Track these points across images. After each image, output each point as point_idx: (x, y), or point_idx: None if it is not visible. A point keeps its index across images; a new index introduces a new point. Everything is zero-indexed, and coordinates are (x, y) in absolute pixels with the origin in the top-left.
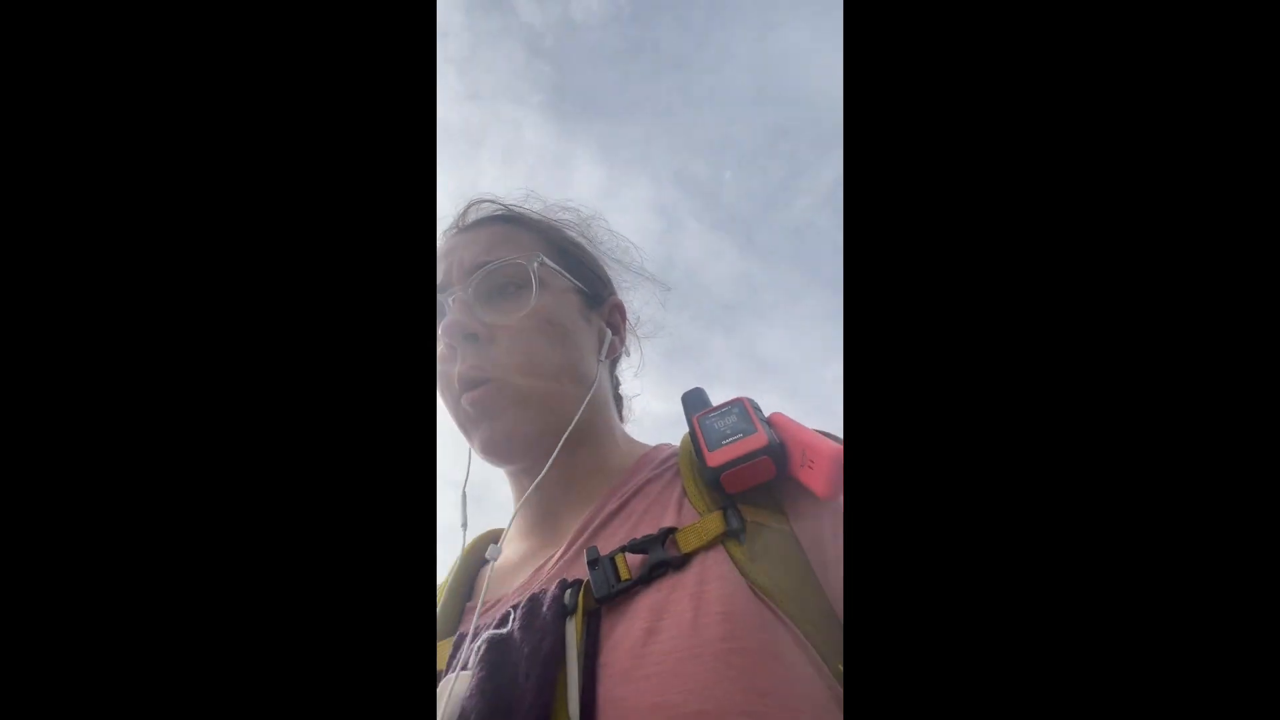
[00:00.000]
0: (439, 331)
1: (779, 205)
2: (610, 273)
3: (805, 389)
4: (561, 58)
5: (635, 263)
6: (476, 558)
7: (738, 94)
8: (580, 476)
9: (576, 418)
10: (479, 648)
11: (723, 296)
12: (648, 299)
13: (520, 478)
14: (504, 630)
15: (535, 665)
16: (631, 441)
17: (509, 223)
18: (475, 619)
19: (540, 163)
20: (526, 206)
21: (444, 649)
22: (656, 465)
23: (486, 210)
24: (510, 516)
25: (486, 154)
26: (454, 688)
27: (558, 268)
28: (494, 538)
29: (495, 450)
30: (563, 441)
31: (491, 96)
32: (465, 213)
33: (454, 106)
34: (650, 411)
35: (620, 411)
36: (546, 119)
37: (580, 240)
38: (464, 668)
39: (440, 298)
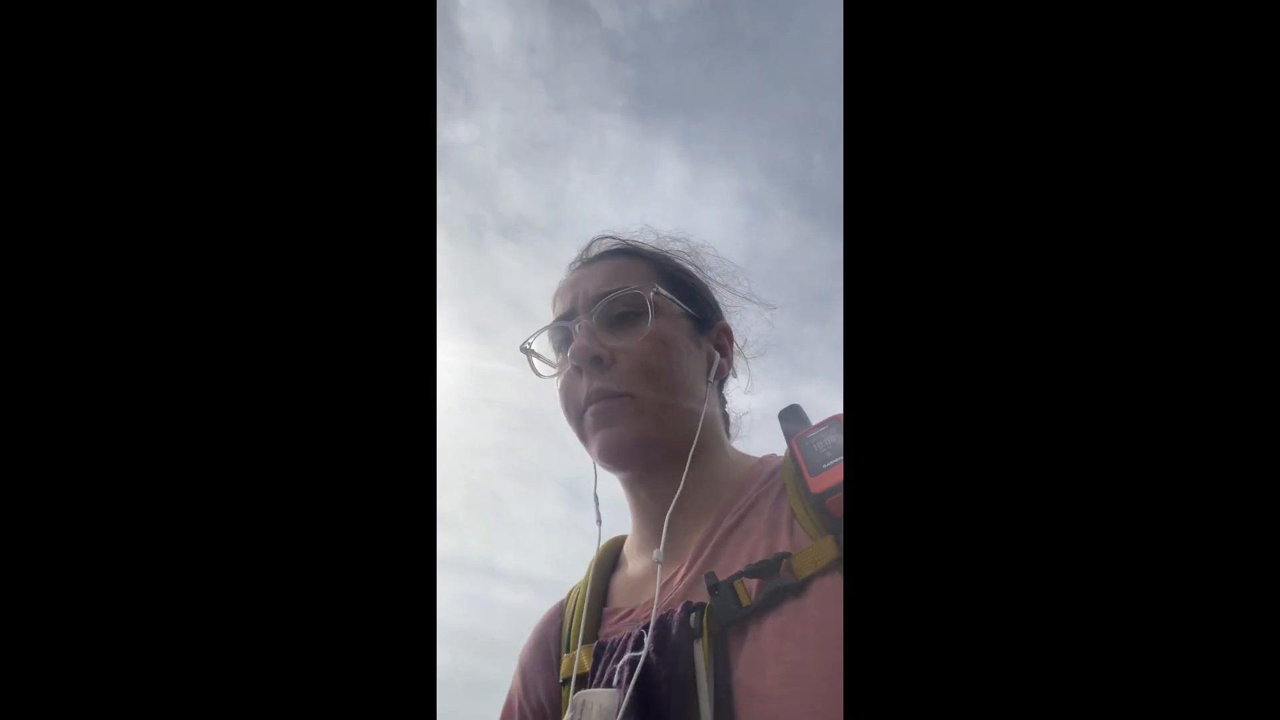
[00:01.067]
0: (568, 354)
1: None
2: (718, 298)
3: None
4: (643, 59)
5: (741, 286)
6: (607, 564)
7: (823, 71)
8: (693, 490)
9: (698, 433)
10: (621, 668)
11: (815, 286)
12: (754, 320)
13: (635, 488)
14: (641, 653)
15: (675, 687)
16: (740, 455)
17: (627, 255)
18: (609, 626)
19: (625, 165)
20: (642, 239)
21: (587, 654)
22: (764, 480)
23: (607, 245)
24: (630, 527)
25: (574, 161)
26: (601, 701)
27: (671, 296)
28: (618, 545)
29: (610, 454)
30: (690, 458)
31: (577, 105)
32: (589, 248)
33: (543, 119)
34: (747, 407)
35: (728, 429)
36: (629, 120)
37: (690, 269)
38: (606, 683)
39: (567, 325)
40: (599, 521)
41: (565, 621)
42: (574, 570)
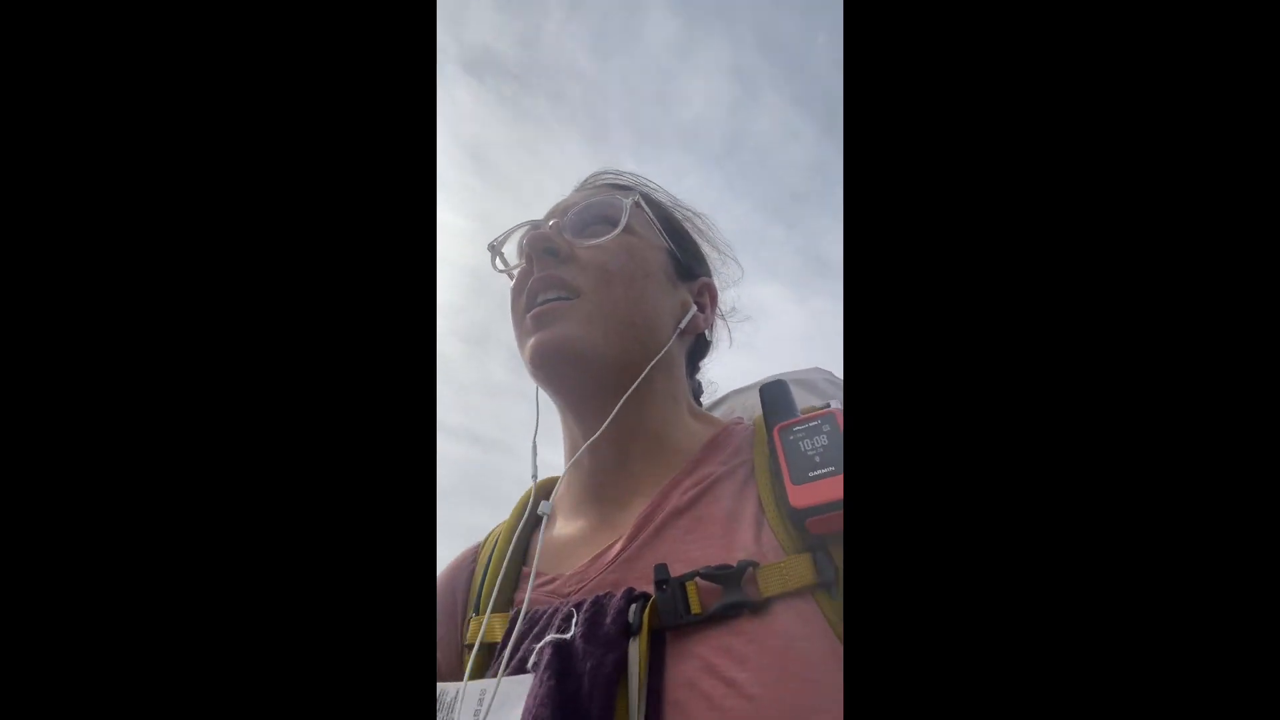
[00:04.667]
0: (523, 242)
1: None
2: (711, 263)
3: None
4: None
5: (730, 251)
6: (531, 516)
7: None
8: (640, 444)
9: (647, 371)
10: (543, 649)
11: (792, 183)
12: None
13: (569, 421)
14: (567, 636)
15: (599, 684)
16: (703, 419)
17: (622, 188)
18: (530, 592)
19: (612, 10)
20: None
21: (500, 621)
22: (728, 456)
23: (607, 179)
24: (563, 467)
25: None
26: (515, 688)
27: (654, 219)
28: (546, 491)
29: (542, 358)
30: (633, 392)
31: None
32: (584, 182)
33: None
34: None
35: (697, 399)
36: None
37: (685, 218)
38: (526, 667)
39: (538, 223)
40: (535, 477)
41: (478, 574)
42: (517, 434)
